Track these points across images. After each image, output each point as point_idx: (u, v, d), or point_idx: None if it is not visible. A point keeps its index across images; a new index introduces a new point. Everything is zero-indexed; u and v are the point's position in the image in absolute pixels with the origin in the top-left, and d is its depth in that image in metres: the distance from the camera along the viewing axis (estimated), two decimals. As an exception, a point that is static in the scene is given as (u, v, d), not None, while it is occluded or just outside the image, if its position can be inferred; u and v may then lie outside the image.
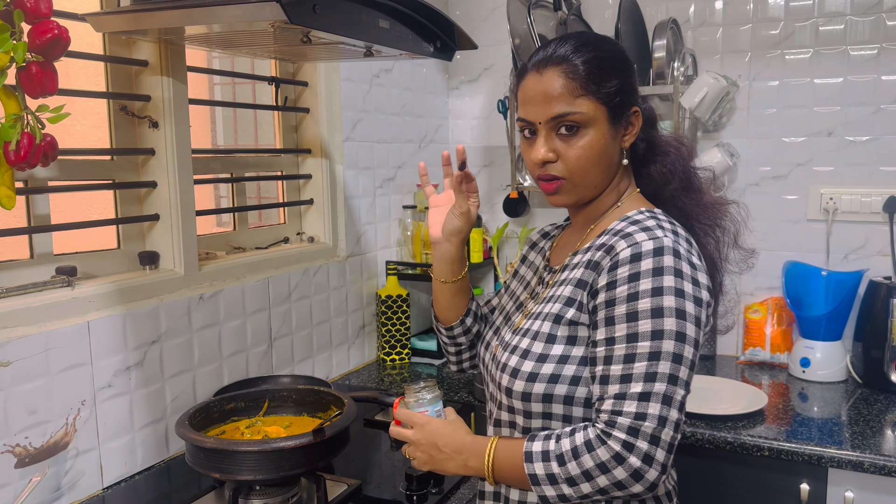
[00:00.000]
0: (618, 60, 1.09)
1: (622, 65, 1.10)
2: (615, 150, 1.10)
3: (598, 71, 1.06)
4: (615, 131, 1.09)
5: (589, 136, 1.07)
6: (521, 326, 1.14)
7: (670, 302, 0.99)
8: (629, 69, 1.11)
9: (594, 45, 1.09)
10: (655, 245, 1.01)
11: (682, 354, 0.98)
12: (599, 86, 1.06)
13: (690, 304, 1.00)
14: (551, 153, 1.08)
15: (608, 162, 1.10)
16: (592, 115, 1.06)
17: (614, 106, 1.08)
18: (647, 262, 1.00)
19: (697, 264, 1.04)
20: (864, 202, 2.12)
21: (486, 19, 2.56)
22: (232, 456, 1.23)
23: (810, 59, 2.16)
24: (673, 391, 0.97)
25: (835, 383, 2.04)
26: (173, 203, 1.57)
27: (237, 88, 2.80)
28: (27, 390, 1.27)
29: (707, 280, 1.05)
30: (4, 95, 1.08)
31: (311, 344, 2.01)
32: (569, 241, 1.22)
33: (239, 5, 1.16)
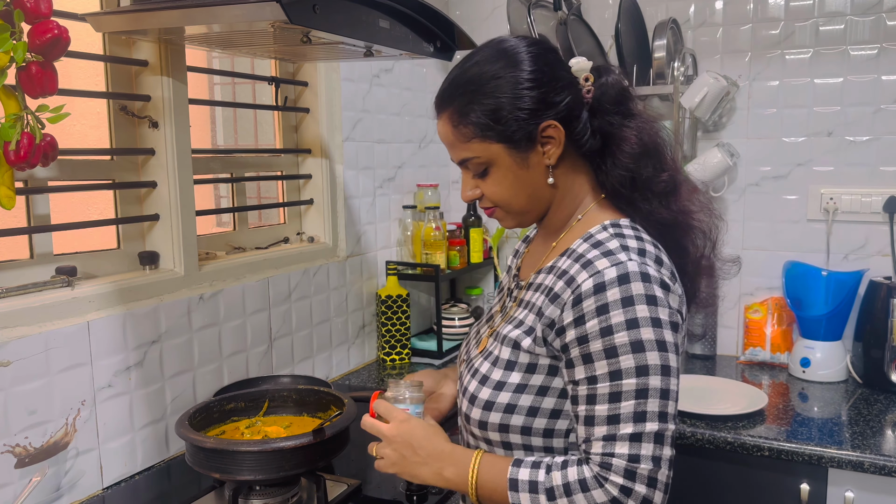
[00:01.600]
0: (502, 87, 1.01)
1: (508, 89, 1.01)
2: (535, 174, 1.05)
3: (477, 111, 1.02)
4: (525, 158, 1.04)
5: (497, 174, 1.05)
6: (485, 347, 1.11)
7: (649, 334, 0.93)
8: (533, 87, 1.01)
9: (468, 82, 1.03)
10: (619, 272, 0.95)
11: (669, 388, 0.94)
12: (483, 126, 1.02)
13: (668, 332, 0.95)
14: (475, 190, 1.09)
15: (530, 189, 1.06)
16: (489, 157, 1.04)
17: (510, 136, 1.02)
18: (613, 291, 0.94)
19: (669, 283, 0.98)
20: (864, 202, 2.12)
21: (486, 19, 2.56)
22: (232, 456, 1.23)
23: (810, 59, 2.16)
24: (664, 429, 0.93)
25: (835, 383, 2.04)
26: (173, 203, 1.57)
27: (237, 88, 2.80)
28: (27, 390, 1.27)
29: (680, 299, 1.00)
30: (4, 95, 1.08)
31: (311, 344, 2.01)
32: (536, 251, 1.18)
33: (239, 5, 1.16)
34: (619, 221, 1.05)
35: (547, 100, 1.02)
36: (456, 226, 2.48)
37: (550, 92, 1.02)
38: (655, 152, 1.06)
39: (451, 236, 2.41)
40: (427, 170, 2.56)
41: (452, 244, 2.39)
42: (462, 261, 2.43)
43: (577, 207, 1.10)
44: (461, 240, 2.43)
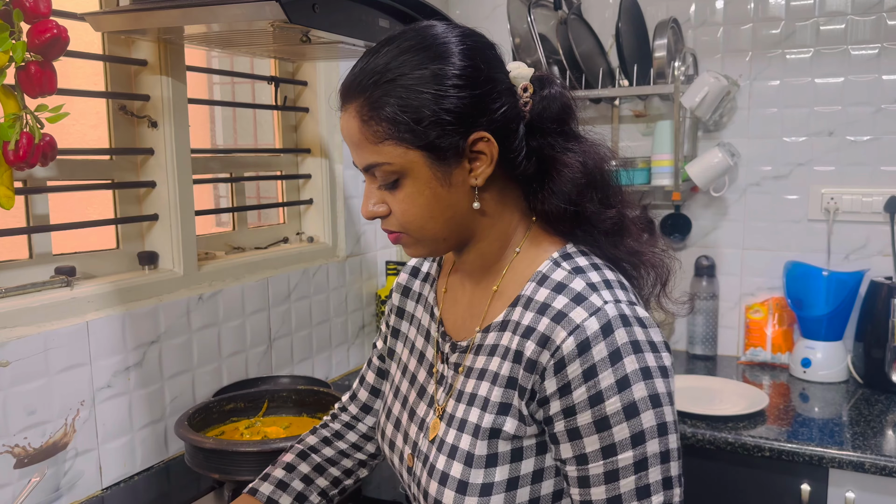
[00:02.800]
0: (426, 80, 0.81)
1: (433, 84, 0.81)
2: (458, 195, 0.86)
3: (394, 106, 0.81)
4: (447, 173, 0.84)
5: (409, 188, 0.85)
6: (440, 436, 0.89)
7: (641, 391, 0.78)
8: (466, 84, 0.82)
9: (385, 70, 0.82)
10: (601, 323, 0.79)
11: (669, 449, 0.80)
12: (400, 125, 0.82)
13: (660, 380, 0.80)
14: (380, 206, 0.89)
15: (449, 212, 0.86)
16: (403, 165, 0.84)
17: (433, 143, 0.82)
18: (598, 348, 0.78)
19: (646, 318, 0.83)
20: (865, 202, 2.12)
21: (486, 19, 2.56)
22: (231, 456, 1.23)
23: (811, 58, 2.16)
24: (670, 496, 0.80)
25: (836, 384, 2.04)
26: (172, 203, 1.57)
27: (236, 88, 2.79)
28: (26, 390, 1.27)
29: (660, 332, 0.85)
30: (3, 95, 1.08)
31: (310, 344, 2.01)
32: (462, 298, 0.97)
33: (238, 4, 1.16)
34: (567, 251, 0.89)
35: (480, 105, 0.83)
36: (456, 226, 2.47)
37: (485, 96, 0.83)
38: (602, 184, 0.88)
39: (451, 236, 2.41)
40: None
41: (452, 244, 2.39)
42: (462, 261, 2.43)
43: (510, 240, 0.91)
44: (461, 240, 2.43)
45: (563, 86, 0.90)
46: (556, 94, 0.88)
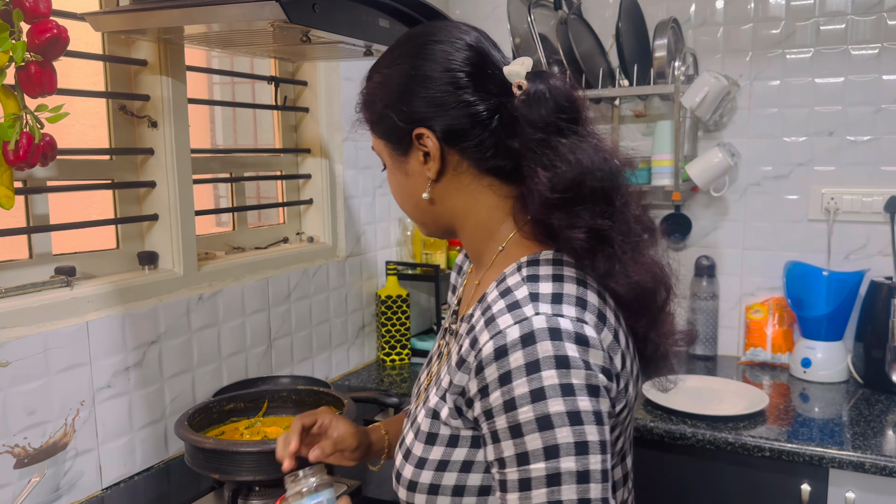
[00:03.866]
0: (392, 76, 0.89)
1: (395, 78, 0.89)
2: (415, 185, 0.91)
3: (368, 96, 0.92)
4: (403, 163, 0.91)
5: (388, 172, 0.96)
6: (415, 410, 0.95)
7: (558, 406, 0.76)
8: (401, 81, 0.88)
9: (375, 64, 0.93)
10: (522, 332, 0.78)
11: (588, 470, 0.76)
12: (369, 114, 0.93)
13: (584, 399, 0.77)
14: None
15: (411, 199, 0.93)
16: (378, 150, 0.95)
17: (388, 134, 0.91)
18: (515, 356, 0.77)
19: (590, 336, 0.80)
20: (865, 202, 2.12)
21: (486, 19, 2.56)
22: (231, 456, 1.23)
23: (811, 58, 2.16)
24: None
25: (836, 384, 2.04)
26: (172, 203, 1.57)
27: (236, 88, 2.79)
28: (26, 391, 1.27)
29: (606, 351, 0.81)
30: (3, 95, 1.08)
31: (310, 344, 2.01)
32: (469, 283, 1.02)
33: (238, 4, 1.16)
34: (539, 256, 0.87)
35: (428, 102, 0.87)
36: (456, 226, 2.47)
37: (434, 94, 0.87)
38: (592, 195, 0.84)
39: (451, 236, 2.41)
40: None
41: (452, 244, 2.39)
42: (462, 261, 2.43)
43: (493, 236, 0.92)
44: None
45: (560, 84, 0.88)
46: (543, 93, 0.86)
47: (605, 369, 0.81)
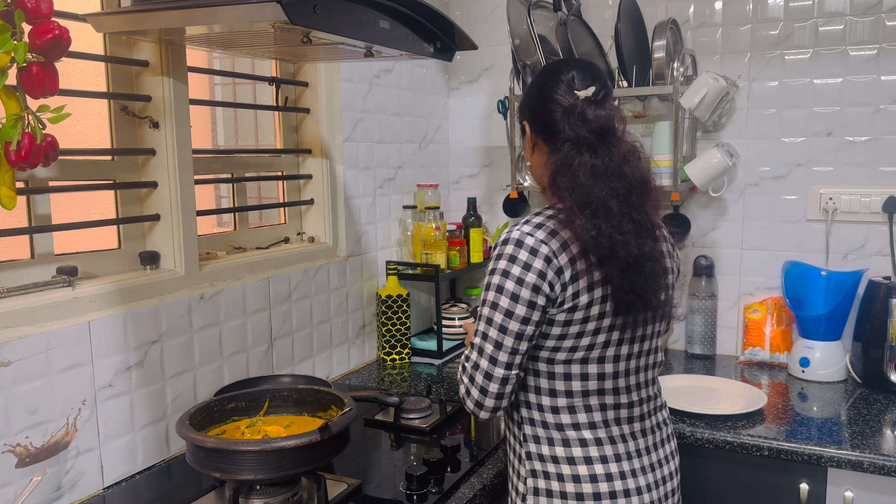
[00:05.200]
0: (527, 87, 1.38)
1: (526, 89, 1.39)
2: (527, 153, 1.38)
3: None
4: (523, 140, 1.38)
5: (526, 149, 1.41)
6: None
7: (496, 279, 1.24)
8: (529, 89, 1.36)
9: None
10: (506, 236, 1.26)
11: (493, 319, 1.23)
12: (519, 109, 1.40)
13: (511, 282, 1.21)
14: None
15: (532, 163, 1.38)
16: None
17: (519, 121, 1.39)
18: (497, 249, 1.26)
19: (541, 250, 1.21)
20: (863, 202, 2.13)
21: (486, 19, 2.57)
22: (232, 456, 1.23)
23: (810, 59, 2.16)
24: (483, 345, 1.24)
25: (834, 383, 2.04)
26: (174, 203, 1.58)
27: (238, 89, 2.80)
28: (28, 390, 1.28)
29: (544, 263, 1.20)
30: (5, 96, 1.08)
31: (311, 344, 2.02)
32: None
33: (239, 6, 1.16)
34: (548, 208, 1.30)
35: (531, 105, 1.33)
36: (456, 226, 2.48)
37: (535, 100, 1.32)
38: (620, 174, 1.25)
39: (451, 236, 2.42)
40: (427, 170, 2.56)
41: (452, 244, 2.40)
42: (462, 261, 2.43)
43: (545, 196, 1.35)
44: (461, 240, 2.44)
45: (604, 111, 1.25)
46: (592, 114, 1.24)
47: (541, 273, 1.21)
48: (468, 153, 2.69)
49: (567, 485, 1.25)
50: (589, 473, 1.25)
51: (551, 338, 1.24)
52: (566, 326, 1.22)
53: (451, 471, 1.48)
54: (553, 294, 1.21)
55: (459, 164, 2.71)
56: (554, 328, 1.23)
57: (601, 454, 1.26)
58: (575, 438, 1.26)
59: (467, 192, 2.69)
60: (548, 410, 1.27)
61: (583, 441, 1.26)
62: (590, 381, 1.26)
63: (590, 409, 1.27)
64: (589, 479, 1.25)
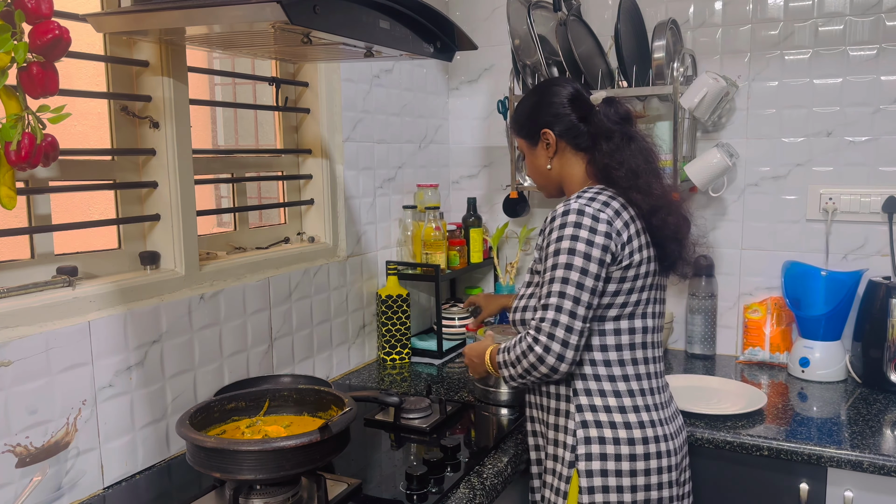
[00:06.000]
0: (523, 106, 1.56)
1: (526, 108, 1.55)
2: (540, 161, 1.55)
3: (514, 119, 1.60)
4: (534, 149, 1.56)
5: (526, 159, 1.61)
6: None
7: (566, 244, 1.37)
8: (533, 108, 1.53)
9: (518, 103, 1.60)
10: (564, 209, 1.41)
11: (569, 278, 1.36)
12: (514, 128, 1.60)
13: (581, 244, 1.36)
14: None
15: (540, 170, 1.57)
16: (520, 145, 1.60)
17: (526, 135, 1.56)
18: (557, 221, 1.40)
19: (601, 216, 1.38)
20: (863, 202, 2.13)
21: (486, 20, 2.57)
22: (232, 455, 1.23)
23: (809, 59, 2.16)
24: (561, 302, 1.36)
25: (834, 383, 2.05)
26: (174, 203, 1.58)
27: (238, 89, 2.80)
28: (28, 390, 1.28)
29: (607, 226, 1.38)
30: (5, 96, 1.08)
31: (311, 344, 2.02)
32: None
33: (239, 6, 1.16)
34: (591, 188, 1.47)
35: (545, 117, 1.51)
36: (456, 226, 2.48)
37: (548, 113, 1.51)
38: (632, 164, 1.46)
39: (451, 236, 2.42)
40: (427, 170, 2.56)
41: (452, 244, 2.40)
42: (462, 261, 2.43)
43: (579, 187, 1.51)
44: (461, 240, 2.44)
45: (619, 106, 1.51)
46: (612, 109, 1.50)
47: (607, 234, 1.38)
48: (468, 153, 2.70)
49: (619, 431, 1.40)
50: (637, 420, 1.41)
51: (606, 294, 1.40)
52: (621, 283, 1.40)
53: (451, 471, 1.48)
54: (616, 253, 1.38)
55: (459, 164, 2.71)
56: (610, 285, 1.40)
57: (644, 403, 1.43)
58: (624, 389, 1.42)
59: (467, 192, 2.69)
60: (600, 364, 1.43)
61: (630, 392, 1.43)
62: (635, 335, 1.44)
63: (635, 363, 1.44)
64: (638, 425, 1.41)
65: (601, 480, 1.39)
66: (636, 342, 1.44)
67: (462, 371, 2.20)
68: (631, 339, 1.43)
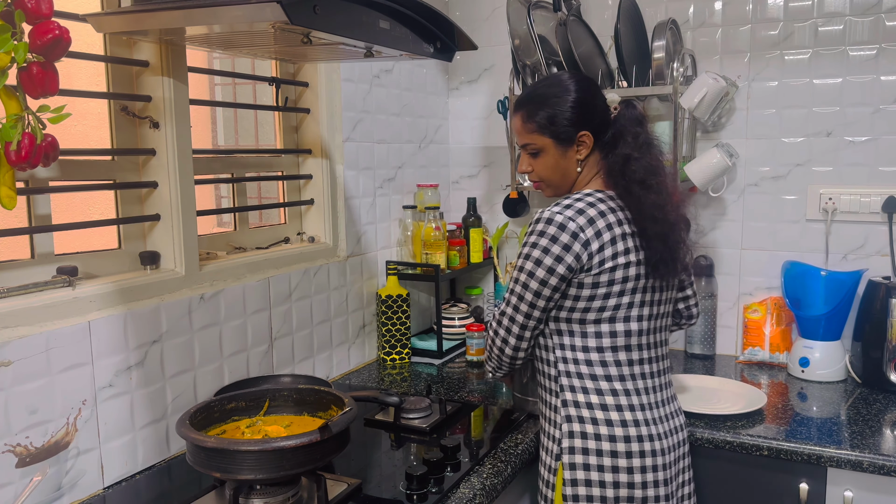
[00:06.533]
0: (564, 104, 1.47)
1: (568, 106, 1.47)
2: (569, 162, 1.51)
3: (543, 116, 1.48)
4: (565, 151, 1.50)
5: (544, 158, 1.52)
6: None
7: (525, 249, 1.43)
8: (577, 107, 1.47)
9: (539, 95, 1.50)
10: (538, 216, 1.43)
11: (518, 279, 1.44)
12: (543, 126, 1.49)
13: (537, 251, 1.40)
14: (528, 167, 1.56)
15: (564, 171, 1.52)
16: (542, 145, 1.50)
17: (560, 136, 1.48)
18: (530, 227, 1.45)
19: (569, 226, 1.39)
20: (863, 202, 2.13)
21: (486, 20, 2.57)
22: (233, 455, 1.23)
23: (809, 59, 2.16)
24: (503, 311, 1.49)
25: (834, 383, 2.05)
26: (174, 203, 1.58)
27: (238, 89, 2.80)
28: (28, 390, 1.28)
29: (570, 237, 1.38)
30: (5, 96, 1.09)
31: (311, 344, 2.02)
32: None
33: (239, 6, 1.17)
34: (585, 191, 1.47)
35: (588, 118, 1.48)
36: (456, 226, 2.48)
37: (591, 114, 1.48)
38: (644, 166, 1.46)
39: (451, 236, 2.42)
40: (427, 170, 2.56)
41: (452, 244, 2.40)
42: (462, 261, 2.43)
43: (585, 185, 1.53)
44: (461, 240, 2.44)
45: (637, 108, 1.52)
46: (630, 113, 1.50)
47: (566, 246, 1.39)
48: (468, 153, 2.70)
49: (601, 427, 1.42)
50: (619, 419, 1.42)
51: (581, 299, 1.42)
52: (594, 288, 1.41)
53: (451, 471, 1.48)
54: (581, 262, 1.39)
55: (459, 164, 2.71)
56: (584, 290, 1.41)
57: (629, 402, 1.44)
58: (607, 388, 1.43)
59: (467, 192, 2.69)
60: (582, 363, 1.45)
61: (613, 391, 1.44)
62: (617, 338, 1.44)
63: (619, 364, 1.44)
64: (620, 423, 1.42)
65: (584, 474, 1.42)
66: (618, 345, 1.44)
67: (462, 371, 2.20)
68: (612, 341, 1.44)
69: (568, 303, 1.43)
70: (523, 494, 1.70)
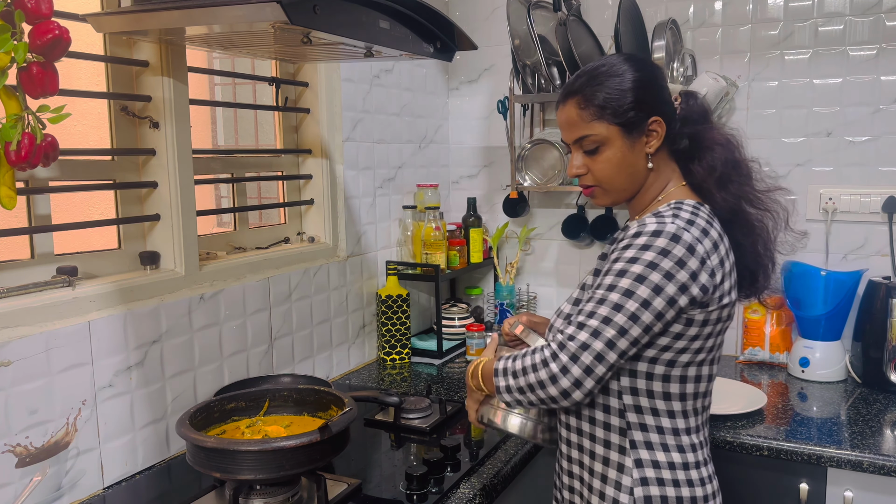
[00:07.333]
0: (627, 83, 1.22)
1: (632, 85, 1.22)
2: (637, 158, 1.25)
3: (604, 98, 1.21)
4: (633, 143, 1.23)
5: (607, 152, 1.24)
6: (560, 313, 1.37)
7: (637, 268, 1.14)
8: (642, 86, 1.22)
9: (599, 75, 1.24)
10: (657, 228, 1.15)
11: (624, 305, 1.13)
12: (606, 109, 1.21)
13: (658, 275, 1.13)
14: (582, 168, 1.27)
15: (631, 169, 1.25)
16: (606, 135, 1.23)
17: (627, 122, 1.22)
18: (641, 239, 1.16)
19: (698, 250, 1.14)
20: (863, 202, 2.13)
21: (486, 20, 2.57)
22: (232, 455, 1.23)
23: (809, 59, 2.16)
24: (604, 328, 1.13)
25: (834, 383, 2.05)
26: (174, 203, 1.58)
27: (238, 89, 2.80)
28: (28, 390, 1.28)
29: (699, 264, 1.14)
30: (5, 96, 1.08)
31: (311, 344, 2.02)
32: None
33: (239, 6, 1.17)
34: (686, 202, 1.23)
35: (657, 100, 1.24)
36: (456, 226, 2.48)
37: (659, 96, 1.24)
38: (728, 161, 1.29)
39: (451, 236, 2.42)
40: (427, 170, 2.56)
41: (452, 244, 2.40)
42: (462, 261, 2.43)
43: (661, 192, 1.28)
44: (461, 240, 2.44)
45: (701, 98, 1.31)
46: (696, 103, 1.30)
47: (694, 273, 1.14)
48: (468, 153, 2.70)
49: (683, 489, 1.21)
50: (698, 477, 1.23)
51: (684, 338, 1.17)
52: (702, 327, 1.18)
53: (451, 471, 1.48)
54: (702, 296, 1.15)
55: (459, 164, 2.71)
56: (691, 328, 1.17)
57: (704, 457, 1.26)
58: (688, 444, 1.24)
59: (467, 192, 2.69)
60: (664, 415, 1.22)
61: (693, 446, 1.24)
62: (700, 383, 1.24)
63: (696, 413, 1.25)
64: (699, 482, 1.23)
65: None
66: (700, 391, 1.24)
67: (462, 371, 2.20)
68: (696, 387, 1.23)
69: (664, 340, 1.18)
70: (523, 494, 1.70)
